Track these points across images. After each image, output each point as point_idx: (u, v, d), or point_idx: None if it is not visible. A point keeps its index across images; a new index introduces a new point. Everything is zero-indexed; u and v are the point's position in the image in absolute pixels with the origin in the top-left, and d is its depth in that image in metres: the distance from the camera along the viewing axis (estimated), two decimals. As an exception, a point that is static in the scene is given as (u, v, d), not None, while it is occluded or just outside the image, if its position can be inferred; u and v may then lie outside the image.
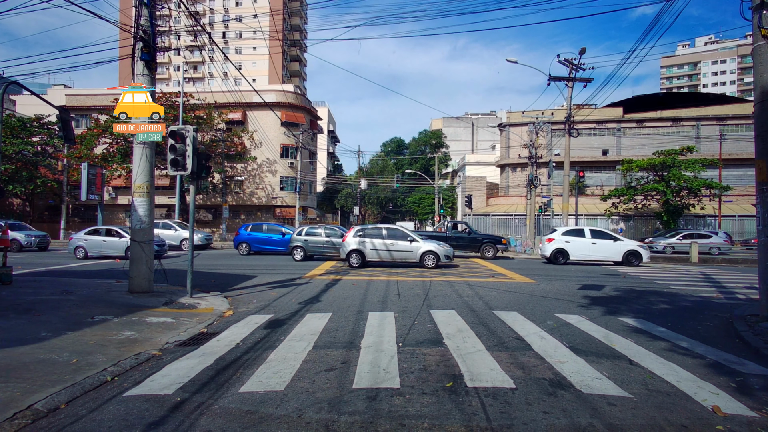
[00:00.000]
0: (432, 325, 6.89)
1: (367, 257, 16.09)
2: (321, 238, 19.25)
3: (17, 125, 32.57)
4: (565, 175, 24.13)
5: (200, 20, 12.61)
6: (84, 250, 18.60)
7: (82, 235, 19.02)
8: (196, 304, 8.44)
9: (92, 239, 18.79)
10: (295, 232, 19.88)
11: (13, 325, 6.36)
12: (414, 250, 15.83)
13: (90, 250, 18.60)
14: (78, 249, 18.67)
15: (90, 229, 19.61)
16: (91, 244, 18.66)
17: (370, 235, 16.36)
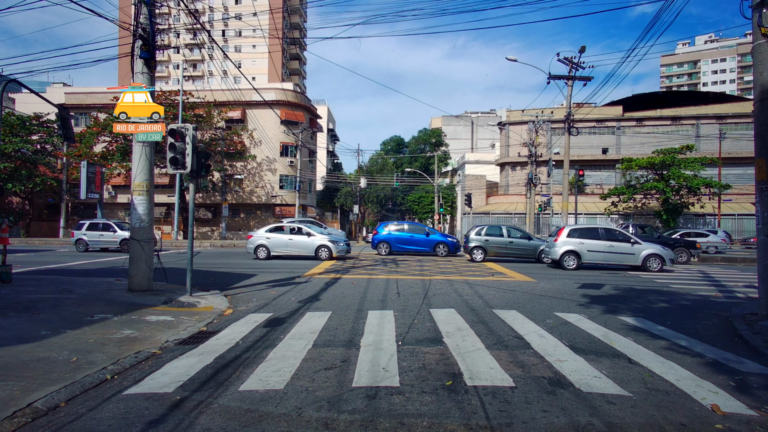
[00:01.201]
0: (431, 324, 6.89)
1: (584, 258, 15.59)
2: (504, 239, 18.85)
3: (17, 123, 32.54)
4: (564, 173, 24.12)
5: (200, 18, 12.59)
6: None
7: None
8: (195, 302, 8.44)
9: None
10: (473, 232, 19.29)
11: (12, 323, 6.35)
12: (636, 252, 15.41)
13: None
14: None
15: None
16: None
17: (585, 236, 15.87)
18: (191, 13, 11.19)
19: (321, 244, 18.46)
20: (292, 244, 18.56)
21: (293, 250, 18.71)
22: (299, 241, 18.62)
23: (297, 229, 19.29)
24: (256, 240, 18.73)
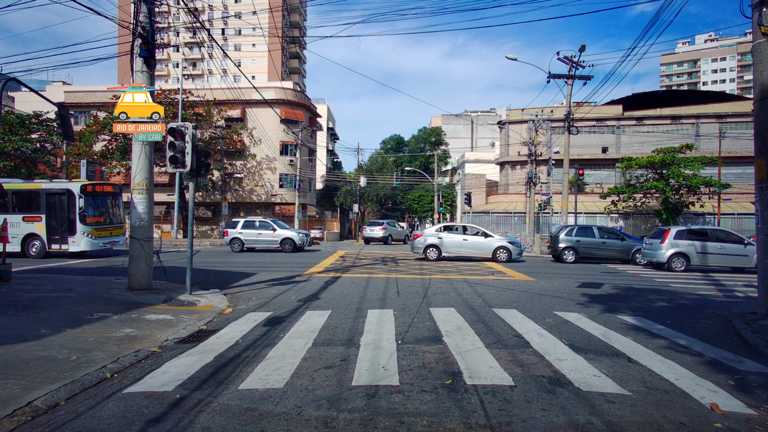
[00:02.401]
0: (431, 323, 6.90)
1: (693, 261, 15.40)
2: (596, 239, 18.44)
3: (16, 122, 32.47)
4: (564, 172, 24.13)
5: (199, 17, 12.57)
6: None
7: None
8: (195, 301, 8.44)
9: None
10: (563, 233, 18.80)
11: (12, 322, 6.36)
12: (749, 254, 14.96)
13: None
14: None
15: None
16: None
17: (695, 237, 15.58)
18: (191, 11, 11.18)
19: (500, 245, 17.91)
20: (467, 244, 18.03)
21: (468, 251, 18.14)
22: (475, 241, 18.11)
23: (462, 228, 19.12)
24: (425, 240, 18.18)
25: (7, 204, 17.86)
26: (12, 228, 17.51)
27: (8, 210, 17.77)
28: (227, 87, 26.57)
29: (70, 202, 17.41)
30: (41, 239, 17.56)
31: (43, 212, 17.57)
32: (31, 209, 17.85)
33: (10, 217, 17.72)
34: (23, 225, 17.62)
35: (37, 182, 19.18)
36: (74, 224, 17.31)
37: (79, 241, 17.28)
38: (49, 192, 17.79)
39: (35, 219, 17.53)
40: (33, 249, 17.63)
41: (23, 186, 18.50)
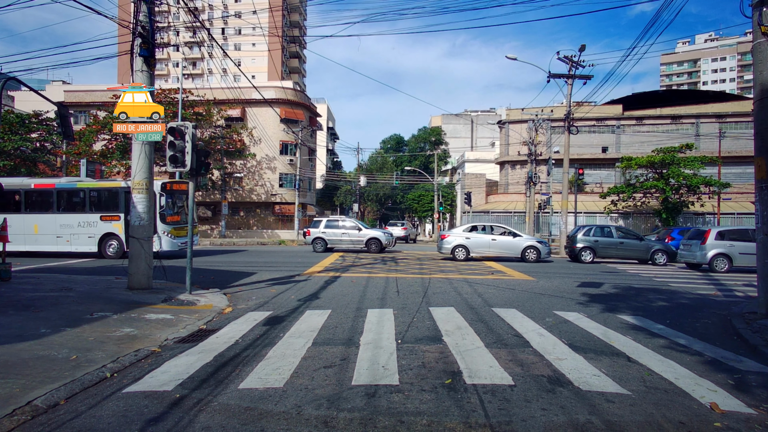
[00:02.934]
0: (431, 322, 6.90)
1: (735, 262, 15.23)
2: (614, 239, 18.18)
3: (16, 121, 32.45)
4: (564, 172, 24.12)
5: (199, 16, 12.57)
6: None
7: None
8: (195, 300, 8.44)
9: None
10: (581, 233, 18.58)
11: (12, 321, 6.36)
12: None
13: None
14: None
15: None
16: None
17: (736, 238, 15.39)
18: (191, 11, 11.17)
19: (529, 244, 17.84)
20: (496, 244, 17.96)
21: (497, 251, 17.97)
22: (504, 241, 17.97)
23: (490, 228, 18.80)
24: (453, 240, 18.17)
25: (84, 203, 17.62)
26: (89, 228, 17.32)
27: (85, 209, 17.52)
28: (227, 86, 26.56)
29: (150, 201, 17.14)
30: (119, 239, 17.18)
31: (122, 211, 17.10)
32: (108, 208, 17.49)
33: (86, 216, 17.46)
34: (100, 224, 17.30)
35: (115, 180, 18.75)
36: (155, 224, 16.78)
37: (159, 240, 16.80)
38: (128, 190, 17.48)
39: (113, 218, 17.23)
40: (110, 249, 17.31)
41: (101, 184, 18.21)
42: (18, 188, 18.05)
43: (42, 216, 17.60)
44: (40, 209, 17.85)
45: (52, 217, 17.53)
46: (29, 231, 17.59)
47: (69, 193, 17.97)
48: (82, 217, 17.50)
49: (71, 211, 17.66)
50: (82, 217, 17.50)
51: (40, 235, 17.51)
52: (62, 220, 17.50)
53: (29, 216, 17.70)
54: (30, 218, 17.65)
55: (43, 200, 18.07)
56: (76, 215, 17.52)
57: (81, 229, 17.39)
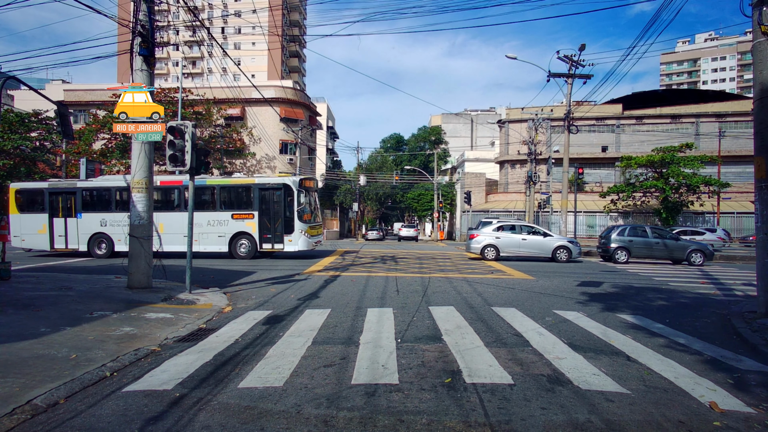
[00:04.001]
0: (431, 322, 6.90)
1: None
2: (649, 239, 17.94)
3: (15, 120, 32.45)
4: (564, 171, 24.12)
5: (199, 15, 12.56)
6: (495, 249, 18.17)
7: (491, 230, 18.59)
8: (194, 300, 8.44)
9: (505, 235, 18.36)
10: (615, 233, 18.23)
11: (12, 320, 6.36)
12: None
13: (503, 250, 18.76)
14: (488, 249, 18.33)
15: (499, 223, 19.00)
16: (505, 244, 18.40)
17: None
18: (190, 10, 11.16)
19: (560, 244, 17.58)
20: (526, 244, 17.68)
21: (527, 251, 17.64)
22: (534, 240, 17.63)
23: (520, 227, 18.28)
24: (483, 239, 17.92)
25: (214, 200, 17.09)
26: (219, 226, 16.73)
27: (215, 207, 16.98)
28: (227, 86, 26.55)
29: (287, 198, 16.46)
30: (252, 238, 16.65)
31: (256, 209, 16.63)
32: (240, 206, 16.94)
33: (216, 214, 16.90)
34: (232, 223, 16.76)
35: (248, 177, 18.29)
36: (292, 222, 16.36)
37: (297, 239, 16.39)
38: (262, 187, 16.78)
39: (246, 216, 16.72)
40: (242, 249, 16.74)
41: (233, 181, 17.61)
42: None
43: (168, 215, 17.06)
44: (165, 207, 17.36)
45: (179, 216, 16.77)
46: (155, 230, 17.16)
47: (198, 190, 17.22)
48: (212, 216, 16.96)
49: (200, 208, 16.87)
50: (212, 216, 16.96)
51: (166, 235, 16.68)
52: None
53: (154, 215, 17.15)
54: (155, 217, 17.12)
55: (169, 198, 17.64)
56: (205, 213, 16.92)
57: (211, 228, 16.88)
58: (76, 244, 17.65)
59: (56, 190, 17.99)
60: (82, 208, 17.60)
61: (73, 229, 17.66)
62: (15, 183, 18.76)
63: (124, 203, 17.60)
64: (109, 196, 17.74)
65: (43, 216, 17.73)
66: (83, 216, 17.52)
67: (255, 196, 16.71)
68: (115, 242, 17.31)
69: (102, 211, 17.62)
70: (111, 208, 17.60)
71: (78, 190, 17.83)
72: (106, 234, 17.46)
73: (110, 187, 17.71)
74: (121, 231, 16.93)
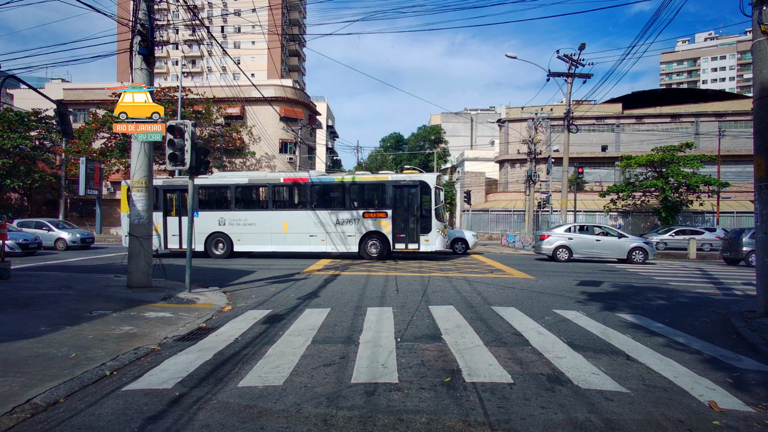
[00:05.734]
0: (430, 321, 6.90)
1: None
2: None
3: (15, 119, 32.44)
4: (563, 171, 24.13)
5: (198, 14, 12.55)
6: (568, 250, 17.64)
7: (568, 232, 18.14)
8: (194, 299, 8.45)
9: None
10: (746, 236, 17.15)
11: (11, 319, 6.36)
12: None
13: None
14: (560, 249, 17.94)
15: (574, 225, 18.98)
16: None
17: None
18: (190, 8, 11.15)
19: (636, 245, 17.16)
20: (600, 245, 17.30)
21: (601, 252, 17.19)
22: (609, 241, 17.24)
23: (592, 228, 17.90)
24: (555, 240, 17.56)
25: (343, 198, 16.60)
26: (349, 225, 16.22)
27: (345, 205, 16.46)
28: (227, 85, 26.55)
29: (424, 196, 15.94)
30: (385, 238, 16.14)
31: (389, 207, 16.07)
32: (372, 204, 16.44)
33: (345, 213, 16.41)
34: (363, 222, 16.22)
35: (382, 174, 17.76)
36: (429, 221, 15.85)
37: (434, 239, 15.87)
38: (396, 184, 16.21)
39: (379, 215, 16.18)
40: (373, 249, 16.25)
41: (365, 178, 17.01)
42: (265, 183, 17.09)
43: (293, 213, 16.65)
44: (290, 206, 16.99)
45: (305, 214, 16.47)
46: (277, 230, 16.59)
47: (325, 187, 16.89)
48: (341, 214, 16.41)
49: (328, 207, 16.54)
50: (341, 214, 16.41)
51: (290, 234, 16.45)
52: (317, 217, 16.38)
53: (277, 213, 16.74)
54: (278, 215, 16.68)
55: (295, 196, 17.17)
56: (333, 212, 16.42)
57: (339, 227, 16.36)
58: (191, 244, 17.21)
59: (171, 187, 17.48)
60: (199, 206, 17.06)
61: None
62: (125, 181, 17.75)
63: (245, 201, 17.33)
64: (227, 193, 17.29)
65: (156, 215, 16.93)
66: (200, 214, 16.91)
67: (388, 194, 16.13)
68: (234, 242, 16.94)
69: (220, 210, 17.16)
70: (230, 206, 17.17)
71: (194, 187, 17.38)
72: (225, 233, 17.01)
73: (229, 184, 17.27)
74: (240, 230, 16.82)
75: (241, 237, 16.88)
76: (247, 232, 16.84)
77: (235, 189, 17.24)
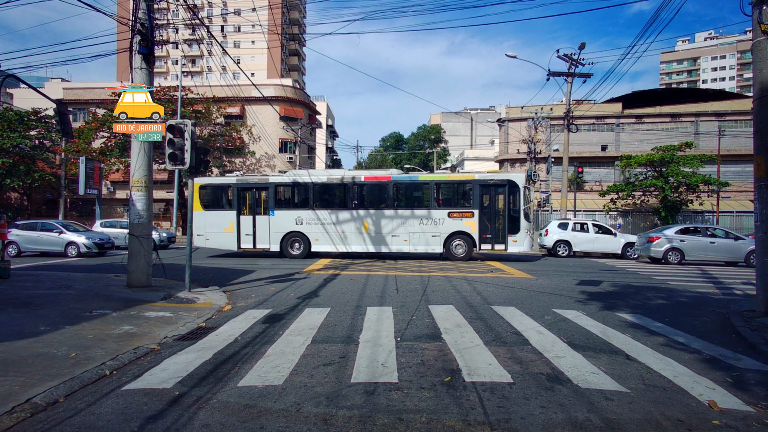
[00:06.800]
0: (430, 320, 6.90)
1: None
2: None
3: (14, 119, 32.40)
4: (563, 170, 24.13)
5: (198, 13, 12.54)
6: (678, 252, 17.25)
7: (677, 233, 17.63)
8: (194, 298, 8.45)
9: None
10: None
11: (11, 319, 6.36)
12: None
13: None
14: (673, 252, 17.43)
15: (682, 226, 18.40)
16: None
17: None
18: (190, 8, 11.14)
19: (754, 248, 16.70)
20: (715, 247, 16.73)
21: (716, 255, 16.72)
22: (725, 244, 16.62)
23: (705, 230, 17.26)
24: (665, 243, 17.04)
25: (428, 197, 16.37)
26: (433, 225, 15.97)
27: (429, 204, 16.22)
28: (226, 84, 26.53)
29: (513, 196, 15.71)
30: (470, 238, 15.87)
31: (476, 207, 15.81)
32: (457, 204, 16.18)
33: (429, 213, 16.06)
34: (447, 222, 15.92)
35: (468, 173, 17.35)
36: (518, 221, 15.61)
37: (522, 240, 15.64)
38: (483, 183, 15.92)
39: (465, 215, 15.87)
40: (459, 249, 15.95)
41: (450, 177, 16.89)
42: (345, 181, 16.80)
43: (374, 212, 16.47)
44: (371, 205, 16.70)
45: (387, 214, 16.30)
46: (358, 229, 16.47)
47: (409, 186, 16.68)
48: (424, 214, 16.19)
49: (410, 206, 16.36)
50: (424, 214, 16.19)
51: (371, 234, 16.24)
52: (399, 216, 16.29)
53: (358, 212, 16.57)
54: (359, 215, 16.53)
55: (376, 195, 16.90)
56: (417, 212, 16.22)
57: (423, 227, 16.12)
58: (266, 244, 16.89)
59: (246, 185, 17.15)
60: (275, 204, 16.86)
61: (263, 227, 16.85)
62: (199, 178, 17.24)
63: (323, 200, 17.06)
64: (306, 191, 17.03)
65: (230, 213, 16.92)
66: (276, 213, 16.76)
67: (475, 193, 15.86)
68: (312, 242, 16.69)
69: (298, 208, 16.89)
70: (308, 204, 16.90)
71: (271, 185, 17.01)
72: (302, 233, 16.70)
73: (307, 182, 16.95)
74: (319, 230, 16.50)
75: (320, 237, 16.58)
76: (325, 231, 16.58)
77: (313, 187, 16.96)
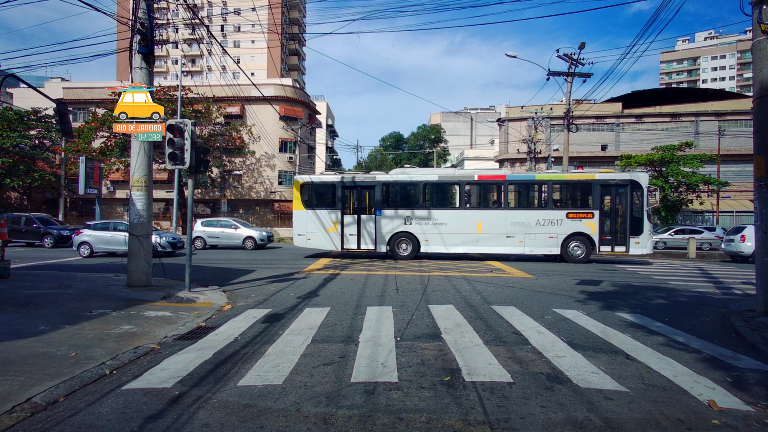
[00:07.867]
0: (430, 320, 6.90)
1: None
2: None
3: (14, 118, 32.42)
4: (563, 170, 24.12)
5: (198, 13, 12.54)
6: None
7: None
8: (194, 298, 8.45)
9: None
10: None
11: (11, 318, 6.36)
12: None
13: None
14: None
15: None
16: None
17: None
18: (189, 7, 11.14)
19: None
20: None
21: None
22: None
23: None
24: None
25: (545, 198, 15.97)
26: (550, 226, 15.59)
27: (546, 205, 15.83)
28: (226, 84, 26.53)
29: (635, 196, 15.29)
30: (589, 240, 15.50)
31: (596, 207, 15.40)
32: (575, 204, 15.84)
33: (547, 213, 15.67)
34: (566, 223, 15.53)
35: (586, 173, 16.75)
36: (641, 222, 15.16)
37: (645, 242, 15.18)
38: (604, 183, 15.50)
39: (584, 216, 15.47)
40: (577, 251, 15.63)
41: (568, 177, 16.39)
42: (457, 180, 16.41)
43: (488, 213, 16.13)
44: (484, 205, 16.40)
45: (502, 214, 15.91)
46: (470, 230, 16.00)
47: (524, 186, 16.34)
48: (541, 215, 15.79)
49: (526, 206, 16.07)
50: (541, 215, 15.79)
51: (485, 235, 15.84)
52: (514, 217, 15.89)
53: (471, 213, 16.21)
54: (472, 215, 16.14)
55: (490, 194, 16.58)
56: (533, 212, 15.87)
57: (540, 228, 15.72)
58: (371, 245, 16.61)
59: (351, 184, 16.78)
60: (381, 204, 16.51)
61: (369, 227, 16.58)
62: (299, 176, 17.35)
63: (434, 199, 16.76)
64: (415, 190, 16.65)
65: (333, 213, 16.56)
66: (383, 213, 16.44)
67: (595, 194, 15.44)
68: (421, 242, 16.36)
69: (406, 208, 16.50)
70: (418, 203, 16.47)
71: (377, 184, 16.61)
72: (411, 233, 16.35)
73: (417, 181, 16.56)
74: (428, 230, 16.16)
75: (429, 237, 16.24)
76: (436, 231, 16.27)
77: (423, 186, 16.61)
